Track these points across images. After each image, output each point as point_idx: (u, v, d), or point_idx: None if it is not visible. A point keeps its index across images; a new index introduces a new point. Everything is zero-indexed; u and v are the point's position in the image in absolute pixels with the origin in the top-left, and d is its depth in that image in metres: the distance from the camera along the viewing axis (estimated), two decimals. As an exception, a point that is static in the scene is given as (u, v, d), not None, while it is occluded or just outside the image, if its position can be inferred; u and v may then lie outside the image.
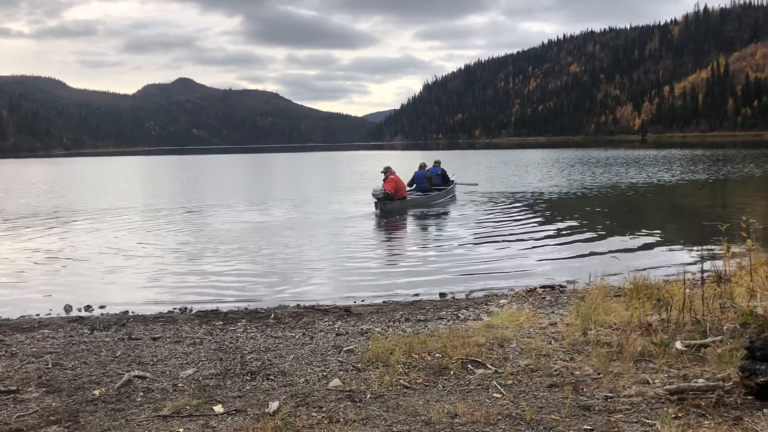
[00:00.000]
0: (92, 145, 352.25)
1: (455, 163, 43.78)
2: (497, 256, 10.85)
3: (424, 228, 15.67)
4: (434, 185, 20.73)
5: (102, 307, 7.66)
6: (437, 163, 22.44)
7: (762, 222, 12.06)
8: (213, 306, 7.53)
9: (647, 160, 46.33)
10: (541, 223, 14.71)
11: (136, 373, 4.48)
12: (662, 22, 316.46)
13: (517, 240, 12.47)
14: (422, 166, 21.04)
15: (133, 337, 5.78)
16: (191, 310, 7.34)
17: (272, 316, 6.62)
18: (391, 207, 17.51)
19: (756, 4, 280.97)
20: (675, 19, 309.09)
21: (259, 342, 5.40)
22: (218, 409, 3.72)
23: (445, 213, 17.80)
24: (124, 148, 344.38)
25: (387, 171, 18.30)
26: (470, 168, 40.77)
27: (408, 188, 19.39)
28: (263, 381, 4.26)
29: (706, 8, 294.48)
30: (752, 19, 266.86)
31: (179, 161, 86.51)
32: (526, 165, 45.04)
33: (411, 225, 16.02)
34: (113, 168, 68.37)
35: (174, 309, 7.45)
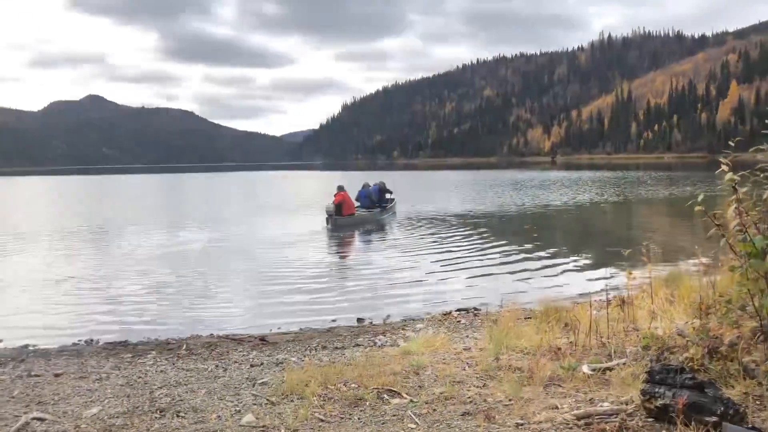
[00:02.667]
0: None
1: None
2: (416, 279, 10.97)
3: (345, 251, 15.66)
4: (375, 203, 22.45)
5: (-1, 341, 7.21)
6: (379, 183, 23.79)
7: (663, 244, 12.73)
8: (122, 337, 7.23)
9: (559, 182, 48.11)
10: (459, 246, 14.98)
11: (35, 414, 4.22)
12: (570, 49, 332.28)
13: (436, 262, 12.66)
14: (365, 186, 22.83)
15: (32, 374, 5.46)
16: (98, 342, 7.02)
17: (184, 346, 6.42)
18: (342, 222, 19.29)
19: (654, 34, 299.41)
20: (582, 46, 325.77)
21: (170, 376, 5.22)
22: (124, 451, 3.56)
23: (370, 233, 18.02)
24: (28, 167, 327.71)
25: (339, 189, 20.04)
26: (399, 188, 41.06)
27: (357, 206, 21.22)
28: (173, 418, 4.11)
29: (610, 36, 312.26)
30: (652, 48, 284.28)
31: (88, 181, 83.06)
32: (445, 187, 45.81)
33: (331, 248, 15.97)
34: (15, 189, 64.87)
35: (79, 341, 7.12)
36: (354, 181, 24.09)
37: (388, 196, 23.77)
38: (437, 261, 12.86)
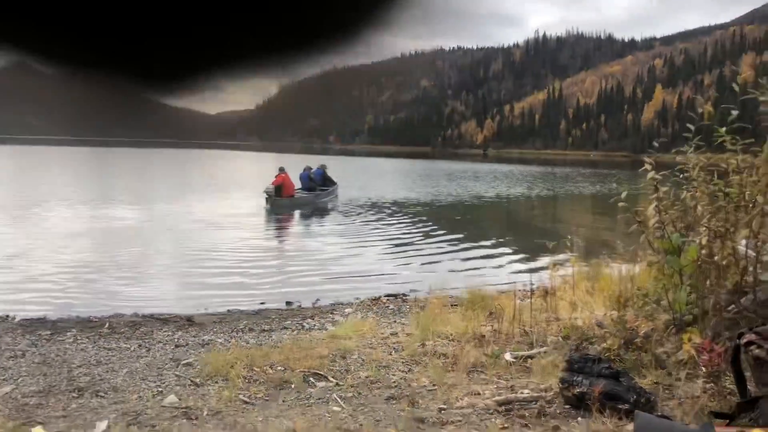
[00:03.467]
0: None
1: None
2: (348, 263, 10.98)
3: (278, 234, 15.52)
4: (316, 185, 22.50)
5: None
6: (322, 167, 23.93)
7: (587, 238, 13.18)
8: (40, 313, 6.94)
9: (491, 174, 48.99)
10: (391, 233, 15.09)
11: (-58, 392, 4.03)
12: (506, 45, 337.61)
13: (368, 248, 12.72)
14: (306, 169, 22.88)
15: (-61, 350, 5.20)
16: (14, 318, 6.72)
17: (107, 325, 6.24)
18: (280, 203, 19.28)
19: (587, 35, 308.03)
20: (517, 43, 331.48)
21: (90, 354, 5.07)
22: (38, 431, 3.44)
23: (306, 217, 17.96)
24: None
25: (280, 171, 20.03)
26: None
27: (297, 188, 21.32)
28: (92, 398, 3.99)
29: (545, 35, 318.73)
30: (583, 49, 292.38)
31: (14, 152, 79.03)
32: (381, 174, 45.78)
33: (264, 230, 15.78)
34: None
35: (-7, 317, 6.80)
36: (292, 164, 23.82)
37: (333, 179, 23.96)
38: (369, 247, 12.92)
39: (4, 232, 13.30)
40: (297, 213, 19.23)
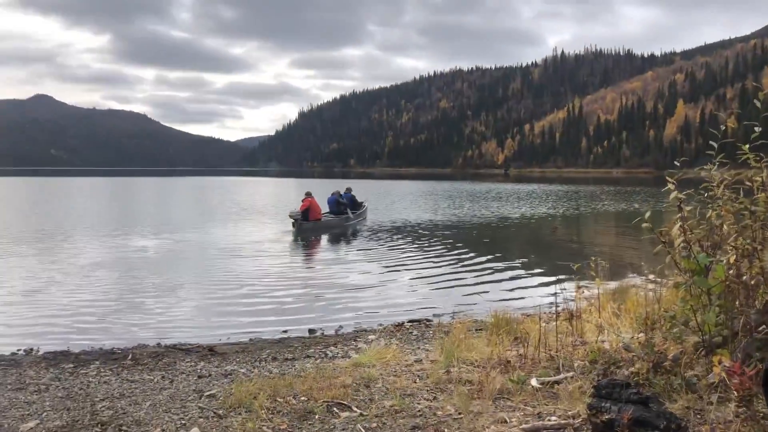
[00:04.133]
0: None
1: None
2: (371, 288, 10.93)
3: (302, 260, 15.54)
4: (345, 209, 22.96)
5: (-69, 349, 6.90)
6: (348, 189, 24.73)
7: (612, 259, 13.01)
8: (64, 346, 6.99)
9: (515, 194, 48.76)
10: (414, 255, 15.01)
11: (-32, 428, 4.05)
12: (524, 64, 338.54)
13: (391, 272, 12.68)
14: (335, 193, 23.49)
15: (-33, 384, 5.23)
16: (38, 351, 6.77)
17: (129, 356, 6.25)
18: (306, 227, 19.74)
19: (606, 51, 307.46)
20: (535, 62, 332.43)
21: (113, 387, 5.06)
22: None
23: (329, 242, 18.02)
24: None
25: (307, 195, 20.74)
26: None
27: (325, 212, 22.08)
28: (115, 432, 3.99)
29: (563, 53, 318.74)
30: (602, 66, 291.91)
31: (34, 184, 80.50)
32: (402, 197, 45.82)
33: (286, 256, 15.81)
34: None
35: (18, 350, 6.85)
36: (315, 188, 24.31)
37: (362, 202, 24.90)
38: (392, 271, 12.88)
39: (27, 264, 13.47)
40: (324, 237, 19.46)
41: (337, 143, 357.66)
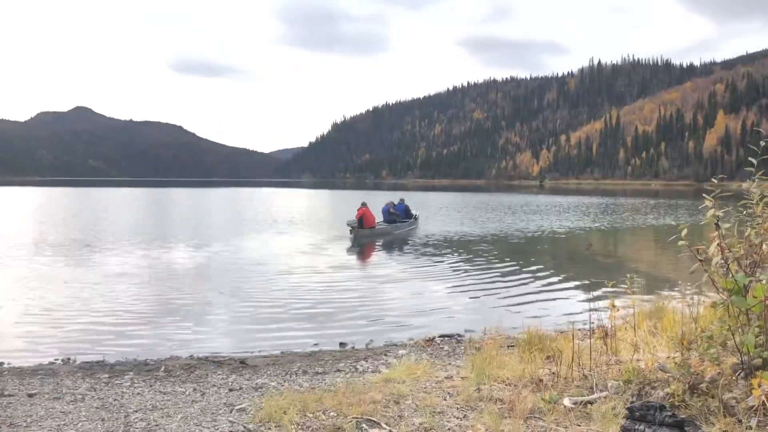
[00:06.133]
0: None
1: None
2: (401, 302, 10.90)
3: (331, 273, 15.58)
4: (396, 218, 25.12)
5: (-27, 358, 7.08)
6: (401, 201, 27.05)
7: (648, 274, 12.77)
8: (99, 356, 7.12)
9: (557, 207, 48.19)
10: (446, 269, 14.95)
11: (5, 437, 4.14)
12: (559, 74, 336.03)
13: (423, 285, 12.63)
14: (388, 203, 25.81)
15: (6, 393, 5.35)
16: (75, 361, 6.91)
17: (162, 368, 6.33)
18: (363, 233, 21.76)
19: (643, 61, 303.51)
20: (571, 71, 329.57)
21: (147, 399, 5.13)
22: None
23: (360, 255, 18.11)
24: (11, 177, 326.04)
25: (362, 205, 22.92)
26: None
27: (379, 221, 24.07)
28: (147, 445, 4.03)
29: (599, 63, 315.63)
30: (640, 76, 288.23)
31: (76, 193, 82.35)
32: (437, 209, 45.59)
33: (317, 269, 15.88)
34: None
35: (56, 359, 7.01)
36: (369, 200, 25.66)
37: (414, 212, 26.92)
38: (424, 283, 12.84)
39: (66, 273, 13.76)
40: (376, 243, 20.82)
41: (369, 154, 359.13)
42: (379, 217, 24.28)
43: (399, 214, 25.42)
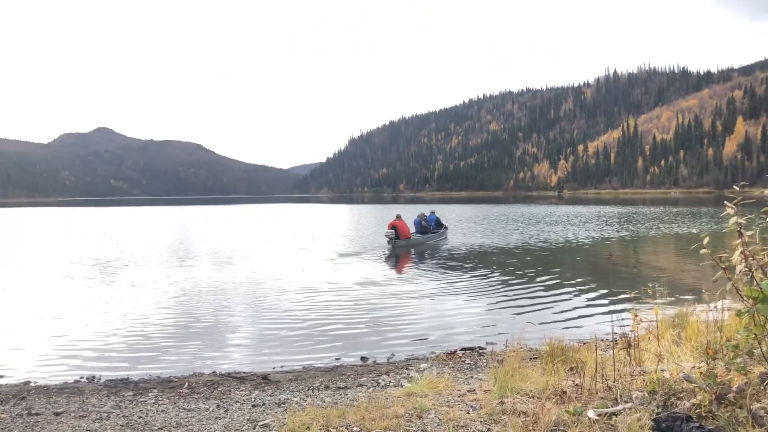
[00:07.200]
0: (1, 195, 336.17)
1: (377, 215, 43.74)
2: (423, 315, 10.88)
3: (349, 286, 15.60)
4: (429, 229, 27.08)
5: (0, 377, 7.17)
6: (432, 212, 29.19)
7: (672, 283, 12.63)
8: (124, 374, 7.18)
9: (576, 217, 47.77)
10: (466, 281, 14.89)
11: (33, 456, 4.18)
12: (575, 84, 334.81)
13: (443, 298, 12.58)
14: (420, 215, 27.65)
15: (33, 412, 5.42)
16: (100, 379, 6.98)
17: (186, 385, 6.37)
18: (399, 244, 23.52)
19: (660, 70, 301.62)
20: (587, 81, 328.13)
21: (171, 416, 5.16)
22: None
23: (380, 266, 18.17)
24: (36, 198, 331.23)
25: (397, 218, 24.50)
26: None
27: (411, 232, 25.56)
28: (172, 462, 4.05)
29: (615, 72, 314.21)
30: (657, 84, 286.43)
31: (99, 213, 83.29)
32: (457, 221, 45.51)
33: (336, 283, 15.90)
34: (24, 220, 65.11)
35: (81, 377, 7.08)
36: (403, 212, 26.26)
37: (444, 223, 29.07)
38: (445, 296, 12.79)
39: (89, 292, 13.90)
40: (406, 255, 21.78)
41: (386, 168, 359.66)
42: (411, 229, 25.97)
43: (430, 226, 27.43)
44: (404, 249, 23.33)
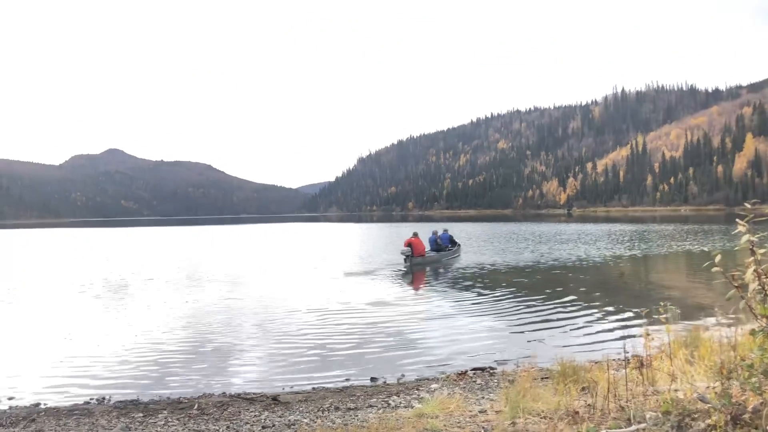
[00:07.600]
0: (14, 216, 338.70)
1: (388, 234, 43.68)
2: (433, 335, 10.81)
3: (361, 306, 15.56)
4: (443, 247, 27.79)
5: (10, 399, 7.18)
6: (445, 230, 29.72)
7: (683, 302, 12.52)
8: (133, 395, 7.16)
9: (586, 235, 47.53)
10: (476, 300, 14.82)
11: (43, 478, 4.17)
12: (583, 103, 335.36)
13: (454, 317, 12.52)
14: (434, 233, 28.34)
15: (43, 434, 5.41)
16: (110, 401, 6.97)
17: (196, 406, 6.35)
18: (416, 261, 23.80)
19: (668, 87, 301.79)
20: (595, 99, 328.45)
21: (180, 438, 5.14)
22: None
23: (388, 285, 18.08)
24: (48, 219, 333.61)
25: (414, 235, 24.95)
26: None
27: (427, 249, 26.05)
28: (182, 484, 4.03)
29: (623, 90, 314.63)
30: (665, 102, 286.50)
31: (110, 234, 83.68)
32: (467, 240, 45.36)
33: (345, 303, 15.86)
34: (34, 241, 65.50)
35: (91, 399, 7.07)
36: (420, 230, 28.70)
37: (457, 241, 29.70)
38: (455, 315, 12.72)
39: (98, 313, 13.93)
40: (421, 273, 21.78)
41: (395, 187, 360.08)
42: (427, 246, 26.62)
43: (445, 245, 28.10)
44: (420, 266, 23.70)
